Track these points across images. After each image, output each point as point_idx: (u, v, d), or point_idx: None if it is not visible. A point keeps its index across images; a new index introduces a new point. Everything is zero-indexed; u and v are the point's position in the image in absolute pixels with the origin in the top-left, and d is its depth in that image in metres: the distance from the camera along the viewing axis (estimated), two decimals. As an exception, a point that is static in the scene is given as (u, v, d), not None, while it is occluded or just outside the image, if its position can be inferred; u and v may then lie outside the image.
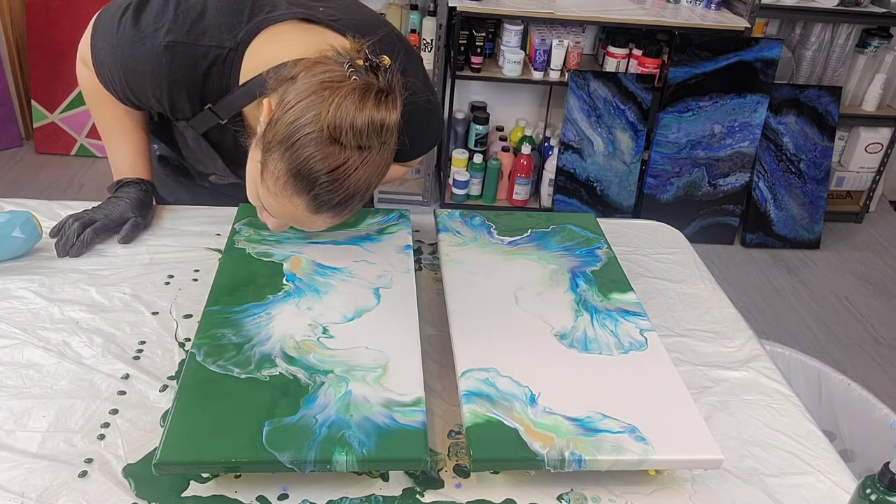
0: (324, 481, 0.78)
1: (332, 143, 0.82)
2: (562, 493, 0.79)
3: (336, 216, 0.90)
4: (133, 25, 0.97)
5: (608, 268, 1.08)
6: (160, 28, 0.96)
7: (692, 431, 0.80)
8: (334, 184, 0.84)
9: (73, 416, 0.83)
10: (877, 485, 0.69)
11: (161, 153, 1.27)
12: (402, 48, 1.05)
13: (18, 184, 2.91)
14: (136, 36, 0.97)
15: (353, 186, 0.85)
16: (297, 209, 0.87)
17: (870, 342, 2.54)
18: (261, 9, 0.98)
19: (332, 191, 0.84)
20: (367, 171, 0.85)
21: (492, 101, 3.05)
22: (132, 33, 0.97)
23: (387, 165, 0.88)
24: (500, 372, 0.86)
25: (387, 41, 1.02)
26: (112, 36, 0.99)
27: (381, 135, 0.83)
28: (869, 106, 3.06)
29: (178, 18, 0.96)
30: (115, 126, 1.15)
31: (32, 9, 2.93)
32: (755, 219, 2.99)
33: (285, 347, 0.87)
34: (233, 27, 0.96)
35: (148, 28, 0.97)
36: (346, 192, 0.85)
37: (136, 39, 0.97)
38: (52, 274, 1.06)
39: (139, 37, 0.97)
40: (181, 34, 0.95)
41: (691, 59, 2.74)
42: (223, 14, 0.97)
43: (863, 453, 1.33)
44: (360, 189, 0.86)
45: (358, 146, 0.82)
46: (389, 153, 0.87)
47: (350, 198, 0.86)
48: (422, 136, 1.12)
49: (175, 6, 0.97)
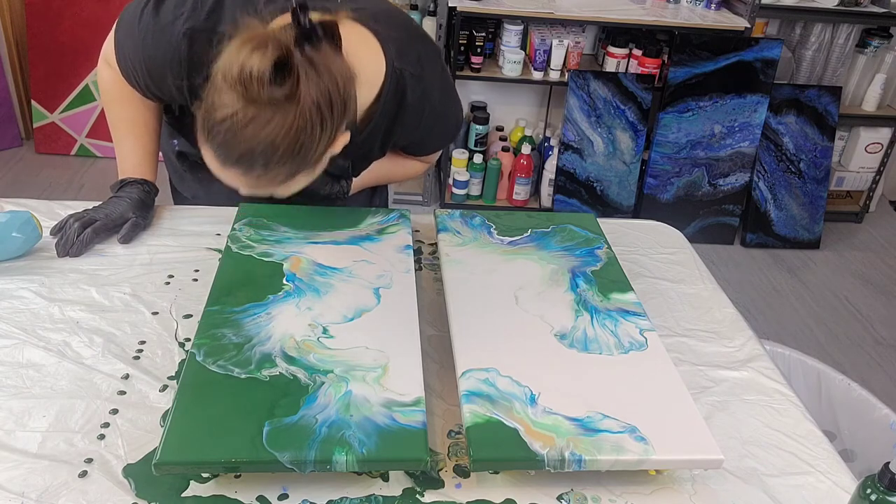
0: (324, 481, 0.78)
1: (225, 91, 0.80)
2: (562, 493, 0.79)
3: (246, 174, 0.85)
4: (154, 16, 1.00)
5: (608, 268, 1.08)
6: (179, 17, 0.98)
7: (692, 431, 0.80)
8: (227, 134, 0.81)
9: (73, 416, 0.83)
10: (877, 485, 0.69)
11: (180, 149, 1.27)
12: (420, 42, 1.06)
13: (18, 184, 2.91)
14: (157, 26, 1.00)
15: (248, 142, 0.81)
16: (209, 158, 0.86)
17: (870, 342, 2.54)
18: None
19: (227, 143, 0.82)
20: (266, 131, 0.81)
21: (492, 101, 3.05)
22: (152, 23, 1.00)
23: (301, 133, 0.83)
24: (500, 372, 0.86)
25: (404, 31, 1.04)
26: (134, 28, 1.02)
27: (267, 88, 0.78)
28: (869, 106, 3.06)
29: (196, 6, 0.98)
30: (126, 125, 1.16)
31: (32, 9, 2.93)
32: (755, 219, 2.99)
33: (285, 347, 0.87)
34: (248, 11, 0.96)
35: (168, 17, 0.99)
36: (243, 147, 0.82)
37: (157, 29, 1.00)
38: (52, 274, 1.06)
39: (159, 26, 0.99)
40: (199, 21, 0.97)
41: (691, 59, 2.74)
42: (239, 1, 0.98)
43: (863, 453, 1.32)
44: (260, 148, 0.82)
45: (251, 98, 0.79)
46: (304, 121, 0.82)
47: (248, 154, 0.82)
48: (434, 130, 1.13)
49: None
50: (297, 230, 1.10)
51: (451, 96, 1.14)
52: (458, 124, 1.20)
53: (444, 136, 1.19)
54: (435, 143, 1.20)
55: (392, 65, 1.01)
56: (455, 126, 1.19)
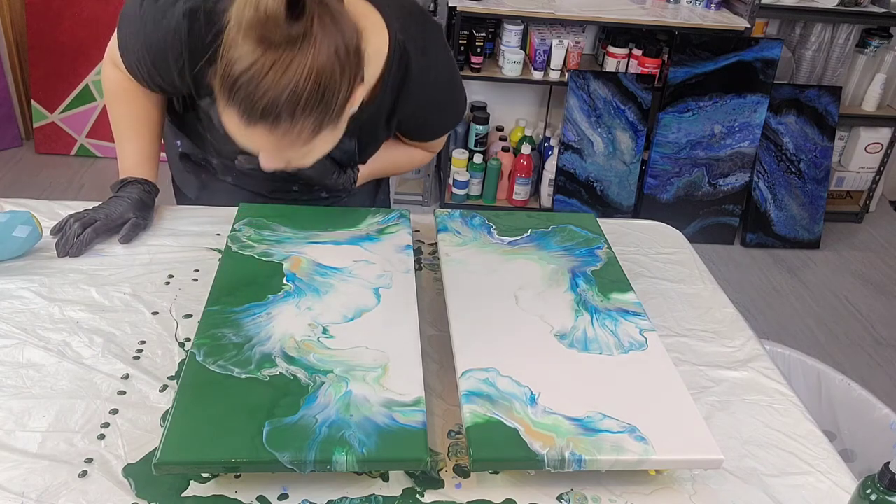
0: (324, 481, 0.78)
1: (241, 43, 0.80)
2: (562, 493, 0.79)
3: (273, 128, 0.84)
4: (153, 2, 1.01)
5: (608, 268, 1.08)
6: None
7: (692, 431, 0.80)
8: (250, 85, 0.81)
9: (73, 416, 0.83)
10: (877, 485, 0.69)
11: (183, 150, 1.27)
12: (423, 18, 1.06)
13: (18, 184, 2.91)
14: (157, 11, 1.00)
15: (272, 90, 0.81)
16: (232, 124, 0.85)
17: (870, 342, 2.54)
18: None
19: (250, 96, 0.82)
20: (288, 75, 0.81)
21: (492, 101, 3.05)
22: (152, 10, 1.00)
23: (322, 75, 0.82)
24: (500, 372, 0.86)
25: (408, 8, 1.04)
26: (135, 18, 1.03)
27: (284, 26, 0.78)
28: (869, 106, 3.06)
29: None
30: (128, 125, 1.17)
31: (32, 9, 2.93)
32: (755, 219, 2.99)
33: (285, 347, 0.87)
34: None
35: (168, 1, 0.99)
36: (268, 97, 0.81)
37: (158, 14, 1.00)
38: (52, 274, 1.06)
39: (160, 11, 1.00)
40: (199, 0, 0.97)
41: (691, 59, 2.75)
42: None
43: (863, 453, 1.32)
44: (284, 95, 0.81)
45: (268, 42, 0.79)
46: (323, 62, 0.82)
47: (273, 104, 0.82)
48: (438, 109, 1.13)
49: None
50: (297, 230, 1.10)
51: (454, 76, 1.14)
52: (461, 107, 1.20)
53: (447, 117, 1.19)
54: (439, 125, 1.20)
55: (395, 37, 1.02)
56: (458, 109, 1.19)
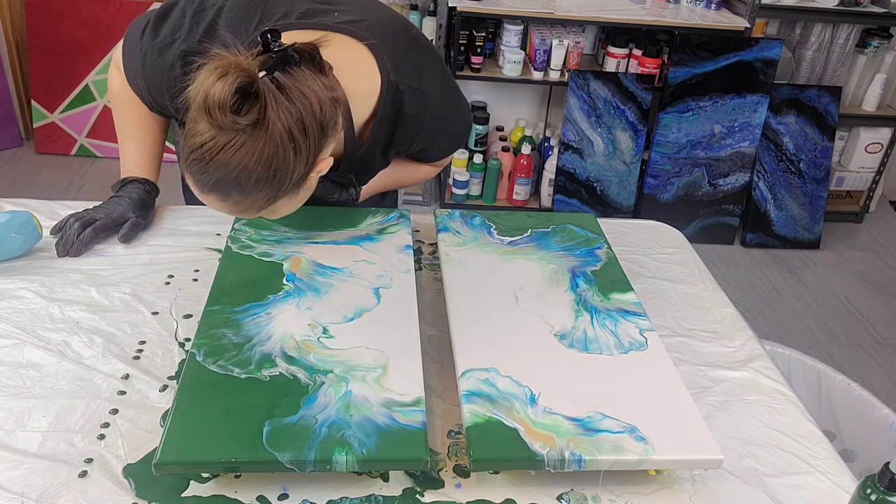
0: (324, 481, 0.78)
1: (198, 119, 0.80)
2: (562, 493, 0.79)
3: (224, 200, 0.86)
4: (152, 37, 1.01)
5: (608, 268, 1.08)
6: (176, 39, 0.99)
7: (692, 431, 0.80)
8: (200, 163, 0.82)
9: (73, 416, 0.83)
10: (877, 485, 0.69)
11: None
12: (419, 50, 1.05)
13: (18, 184, 2.91)
14: (155, 47, 1.01)
15: (221, 169, 0.82)
16: (190, 183, 0.86)
17: (870, 342, 2.54)
18: (270, 17, 0.99)
19: (201, 170, 0.83)
20: (238, 157, 0.81)
21: (492, 101, 3.05)
22: (151, 44, 1.01)
23: (273, 159, 0.82)
24: (500, 372, 0.86)
25: (401, 40, 1.03)
26: (136, 46, 1.04)
27: (230, 115, 0.78)
28: (869, 106, 3.06)
29: (192, 29, 0.99)
30: (132, 126, 1.18)
31: (32, 9, 2.93)
32: (755, 219, 2.99)
33: (285, 347, 0.87)
34: (240, 35, 0.96)
35: (165, 39, 1.00)
36: (217, 174, 0.82)
37: (155, 50, 1.01)
38: (52, 274, 1.06)
39: (158, 48, 1.01)
40: (193, 43, 0.98)
41: (691, 59, 2.74)
42: (233, 22, 0.98)
43: (863, 453, 1.32)
44: (233, 174, 0.82)
45: (219, 126, 0.80)
46: (275, 147, 0.82)
47: (222, 180, 0.83)
48: (438, 137, 1.12)
49: (191, 17, 0.99)
50: (297, 230, 1.10)
51: (453, 103, 1.13)
52: (464, 129, 1.18)
53: (450, 142, 1.18)
54: (441, 150, 1.19)
55: (388, 78, 1.00)
56: (461, 131, 1.17)
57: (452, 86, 1.12)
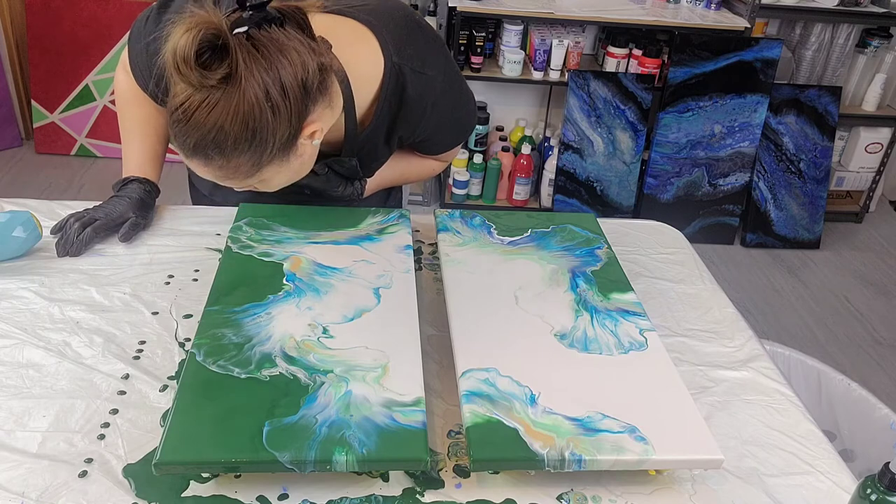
0: (324, 481, 0.78)
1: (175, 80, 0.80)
2: (562, 493, 0.79)
3: (208, 164, 0.86)
4: (156, 22, 1.02)
5: (608, 268, 1.08)
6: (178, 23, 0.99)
7: (692, 431, 0.80)
8: (180, 124, 0.82)
9: (73, 416, 0.83)
10: (877, 485, 0.69)
11: None
12: (421, 35, 1.05)
13: (18, 184, 2.91)
14: (158, 31, 1.00)
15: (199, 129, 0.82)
16: (177, 150, 0.86)
17: (870, 342, 2.54)
18: None
19: (181, 132, 0.83)
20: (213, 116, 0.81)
21: (492, 101, 3.05)
22: (155, 29, 1.01)
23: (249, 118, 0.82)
24: (500, 372, 0.86)
25: (404, 25, 1.03)
26: (140, 34, 1.05)
27: (196, 69, 0.78)
28: (869, 106, 3.06)
29: None
30: (135, 126, 1.18)
31: (32, 9, 2.93)
32: (755, 219, 2.99)
33: (285, 347, 0.87)
34: None
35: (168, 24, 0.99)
36: (196, 135, 0.82)
37: (158, 34, 1.00)
38: (52, 274, 1.06)
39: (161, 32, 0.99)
40: None
41: (691, 59, 2.75)
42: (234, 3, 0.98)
43: (863, 453, 1.33)
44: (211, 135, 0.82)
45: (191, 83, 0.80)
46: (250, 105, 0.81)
47: (202, 142, 0.83)
48: (443, 125, 1.12)
49: (193, 2, 0.98)
50: (298, 230, 1.10)
51: (457, 92, 1.12)
52: (468, 121, 1.18)
53: (454, 133, 1.18)
54: (447, 140, 1.18)
55: (391, 60, 1.01)
56: (466, 122, 1.17)
57: (457, 75, 1.12)
